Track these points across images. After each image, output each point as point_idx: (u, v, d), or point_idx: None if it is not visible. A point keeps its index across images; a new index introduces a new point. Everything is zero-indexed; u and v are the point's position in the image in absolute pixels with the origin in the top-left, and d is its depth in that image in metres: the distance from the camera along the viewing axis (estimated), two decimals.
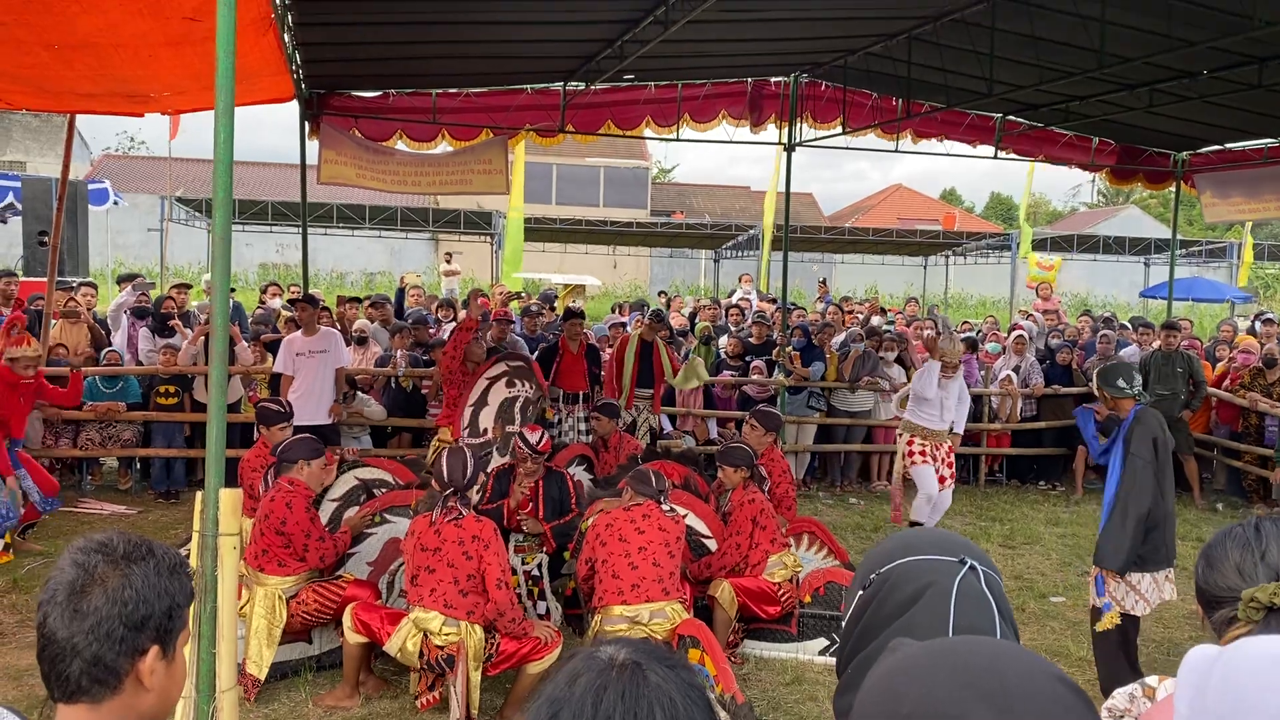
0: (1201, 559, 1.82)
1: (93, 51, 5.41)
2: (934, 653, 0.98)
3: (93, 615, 1.37)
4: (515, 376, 7.35)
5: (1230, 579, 1.71)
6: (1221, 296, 22.32)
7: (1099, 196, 53.18)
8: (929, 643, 1.02)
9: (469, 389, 7.40)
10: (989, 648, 0.99)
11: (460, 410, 7.30)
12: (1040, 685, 0.92)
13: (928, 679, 0.94)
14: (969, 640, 1.03)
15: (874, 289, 29.45)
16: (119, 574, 1.40)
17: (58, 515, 8.40)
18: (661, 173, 48.99)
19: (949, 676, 0.93)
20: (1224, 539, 1.79)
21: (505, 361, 7.45)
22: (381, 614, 4.98)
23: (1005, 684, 0.92)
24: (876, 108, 10.61)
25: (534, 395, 7.41)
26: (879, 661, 1.06)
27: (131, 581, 1.40)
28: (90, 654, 1.37)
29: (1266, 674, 0.95)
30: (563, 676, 1.03)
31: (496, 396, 7.25)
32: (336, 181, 9.62)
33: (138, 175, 34.28)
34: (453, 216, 21.98)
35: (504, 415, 7.28)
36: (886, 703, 0.95)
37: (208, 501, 3.50)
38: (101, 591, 1.38)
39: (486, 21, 7.92)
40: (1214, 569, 1.76)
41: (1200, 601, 1.81)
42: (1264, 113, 9.77)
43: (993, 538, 8.76)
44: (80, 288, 10.66)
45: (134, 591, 1.40)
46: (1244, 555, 1.73)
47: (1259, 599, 1.58)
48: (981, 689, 0.91)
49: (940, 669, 0.95)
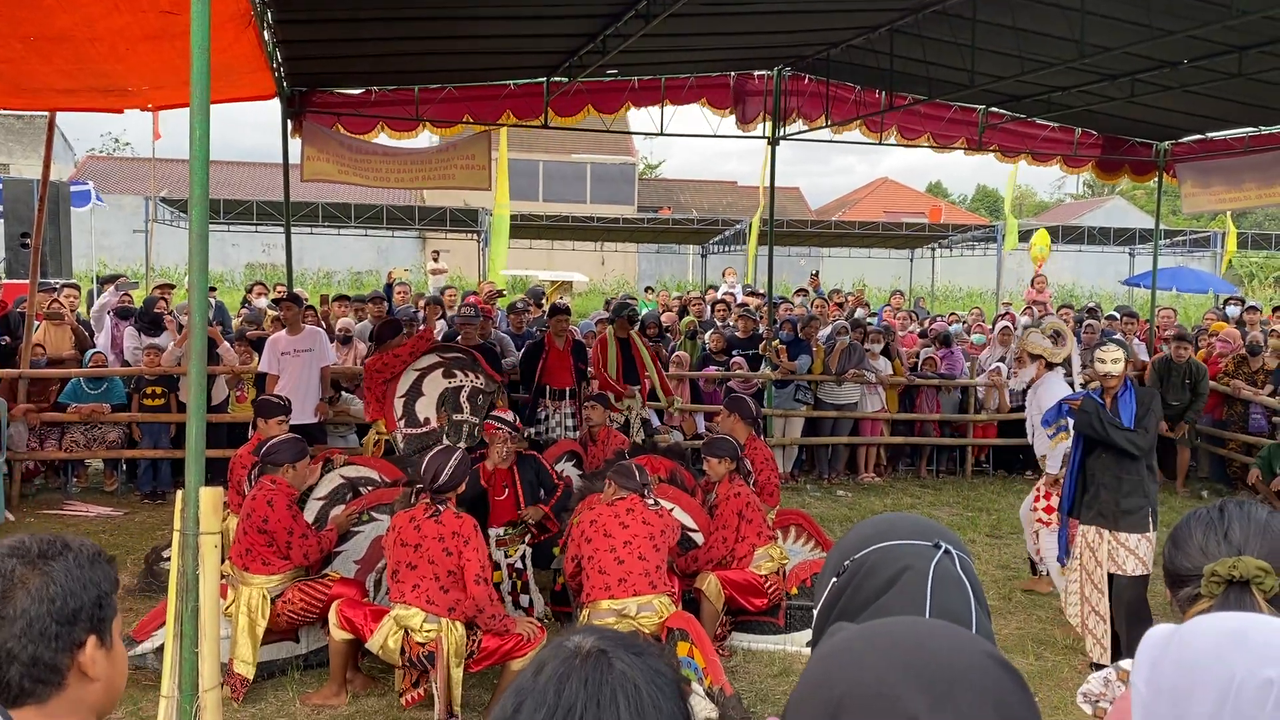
0: (1169, 541, 1.85)
1: (69, 45, 5.39)
2: (866, 635, 0.98)
3: (21, 618, 1.36)
4: (454, 368, 7.34)
5: (1195, 558, 1.74)
6: (1205, 287, 22.42)
7: (1084, 188, 53.37)
8: (863, 625, 1.02)
9: (395, 382, 7.36)
10: (921, 628, 0.99)
11: (390, 402, 7.28)
12: (971, 662, 0.93)
13: (859, 661, 0.95)
14: (901, 621, 1.03)
15: (861, 282, 29.49)
16: (39, 573, 1.39)
17: (44, 518, 8.37)
18: (648, 168, 48.96)
19: (880, 658, 0.94)
20: (1189, 521, 1.83)
21: (437, 353, 7.44)
22: (366, 611, 4.97)
23: (936, 662, 0.92)
24: (860, 101, 10.62)
25: (486, 386, 7.41)
26: (819, 645, 1.06)
27: (54, 578, 1.39)
28: (27, 656, 1.35)
29: (1218, 647, 0.96)
30: (530, 666, 1.02)
31: (433, 387, 7.23)
32: (319, 178, 9.59)
33: (122, 176, 34.07)
34: (439, 214, 21.90)
35: (448, 404, 7.27)
36: (820, 687, 0.96)
37: (188, 500, 3.49)
38: (25, 593, 1.37)
39: (468, 17, 7.90)
40: (1179, 549, 1.79)
41: (1168, 582, 1.84)
42: (1244, 102, 9.81)
43: (979, 528, 8.79)
44: (63, 289, 10.61)
45: (59, 587, 1.38)
46: (1207, 535, 1.75)
47: (1219, 572, 1.62)
48: (913, 668, 0.92)
49: (871, 651, 0.95)
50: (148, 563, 6.69)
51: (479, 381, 7.37)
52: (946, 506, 9.48)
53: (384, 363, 7.24)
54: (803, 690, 0.98)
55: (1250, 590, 1.61)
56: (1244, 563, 1.61)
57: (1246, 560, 1.62)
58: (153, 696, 4.86)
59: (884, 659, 0.93)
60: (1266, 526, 1.72)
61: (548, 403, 8.87)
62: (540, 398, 8.88)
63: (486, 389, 7.42)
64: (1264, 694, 0.90)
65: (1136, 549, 5.40)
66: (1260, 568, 1.60)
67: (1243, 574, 1.60)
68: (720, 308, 13.30)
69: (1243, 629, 0.96)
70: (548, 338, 8.97)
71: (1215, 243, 24.15)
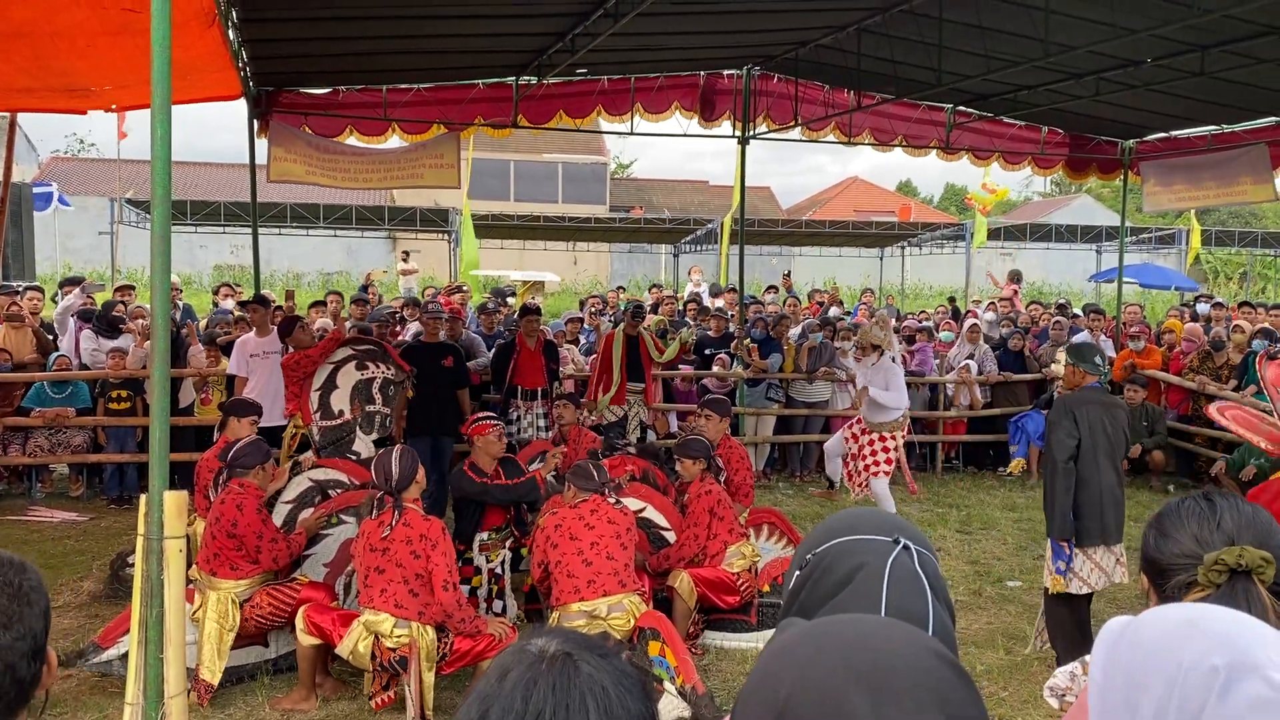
0: (1152, 530, 1.85)
1: (28, 42, 5.29)
2: (811, 634, 0.98)
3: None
4: (365, 359, 7.37)
5: (1187, 546, 1.75)
6: (1169, 283, 22.71)
7: (1052, 186, 53.87)
8: (809, 624, 1.01)
9: (310, 376, 7.39)
10: (866, 627, 0.99)
11: (306, 396, 7.31)
12: (915, 660, 0.92)
13: (803, 661, 0.94)
14: (849, 619, 1.02)
15: (832, 281, 29.63)
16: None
17: (7, 525, 8.24)
18: (620, 168, 48.96)
19: (824, 657, 0.93)
20: (1177, 510, 1.83)
21: (350, 346, 7.46)
22: (334, 615, 4.93)
23: (879, 661, 0.92)
24: (829, 100, 10.67)
25: (395, 376, 7.44)
26: (768, 643, 1.05)
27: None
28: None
29: (1169, 636, 0.96)
30: (493, 671, 1.01)
31: (347, 380, 7.26)
32: (286, 179, 9.50)
33: (87, 177, 33.61)
34: (409, 214, 21.77)
35: (360, 396, 7.32)
36: (764, 688, 0.95)
37: (152, 504, 3.44)
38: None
39: (436, 16, 7.86)
40: (1168, 538, 1.79)
41: (1149, 573, 1.84)
42: (1206, 100, 9.94)
43: (950, 524, 8.85)
44: (26, 292, 10.45)
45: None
46: (1200, 524, 1.76)
47: (1225, 560, 1.62)
48: (856, 668, 0.91)
49: (816, 650, 0.94)
50: (113, 568, 6.61)
51: (389, 372, 7.42)
52: (917, 503, 9.54)
53: (297, 360, 7.26)
54: (749, 689, 0.98)
55: (1252, 579, 1.62)
56: (1249, 552, 1.63)
57: (1251, 550, 1.63)
58: (118, 703, 4.79)
59: (828, 659, 0.93)
60: (1254, 518, 1.75)
61: (519, 403, 8.84)
62: (512, 398, 8.86)
63: (396, 379, 7.48)
64: (1210, 680, 0.90)
65: (1047, 557, 5.52)
66: (1263, 557, 1.63)
67: (1248, 563, 1.62)
68: (691, 307, 13.31)
69: (1193, 618, 0.97)
70: (519, 338, 8.94)
71: (1180, 240, 24.44)
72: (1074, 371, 5.59)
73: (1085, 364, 5.56)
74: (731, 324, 11.18)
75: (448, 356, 8.42)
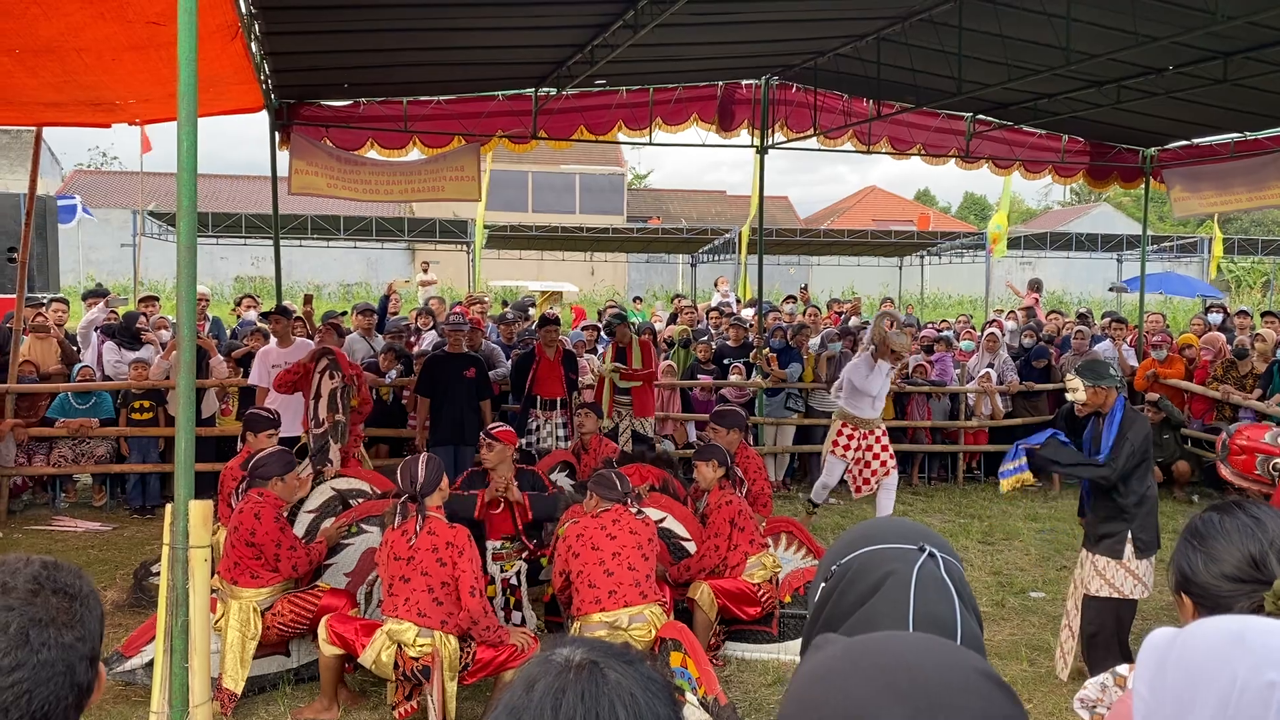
0: (1196, 554, 1.71)
1: (56, 57, 5.36)
2: (851, 654, 0.96)
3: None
4: (332, 368, 7.50)
5: (1242, 569, 1.64)
6: (1193, 292, 22.55)
7: (1071, 194, 53.64)
8: (848, 642, 0.99)
9: (308, 385, 7.53)
10: (907, 644, 0.96)
11: (307, 404, 7.48)
12: (960, 680, 0.90)
13: (844, 682, 0.92)
14: (887, 637, 1.00)
15: (851, 290, 29.57)
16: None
17: (32, 534, 8.31)
18: (637, 178, 49.06)
19: (865, 679, 0.91)
20: (1220, 529, 1.70)
21: (325, 357, 7.58)
22: (356, 625, 4.94)
23: (923, 681, 0.89)
24: (847, 110, 10.66)
25: (342, 383, 7.57)
26: (803, 661, 1.04)
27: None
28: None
29: (1219, 650, 0.95)
30: (519, 682, 1.01)
31: (326, 387, 7.40)
32: (308, 192, 9.56)
33: (110, 190, 33.97)
34: (428, 225, 21.93)
35: (332, 405, 7.46)
36: (805, 711, 0.93)
37: (177, 514, 3.46)
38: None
39: (456, 28, 7.90)
40: (1218, 562, 1.67)
41: (1192, 596, 1.71)
42: (1230, 107, 9.87)
43: (972, 534, 8.79)
44: (51, 304, 10.55)
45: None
46: (1249, 541, 1.65)
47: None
48: (898, 689, 0.89)
49: (856, 671, 0.92)
50: (136, 578, 6.65)
51: (341, 381, 7.55)
52: (938, 513, 9.48)
53: (293, 372, 7.48)
54: (789, 712, 0.96)
55: None
56: None
57: None
58: (142, 712, 4.83)
59: (870, 681, 0.91)
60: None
61: (538, 413, 8.86)
62: (531, 408, 8.87)
63: (344, 385, 7.59)
64: (1266, 696, 0.89)
65: (1104, 571, 5.38)
66: None
67: None
68: (714, 315, 13.31)
69: (1241, 632, 0.95)
70: (538, 348, 8.96)
71: (1202, 248, 24.29)
72: (1096, 391, 5.45)
73: (1105, 380, 5.44)
74: (750, 333, 11.16)
75: (469, 367, 8.46)
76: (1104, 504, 5.39)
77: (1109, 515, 5.37)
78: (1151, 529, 5.35)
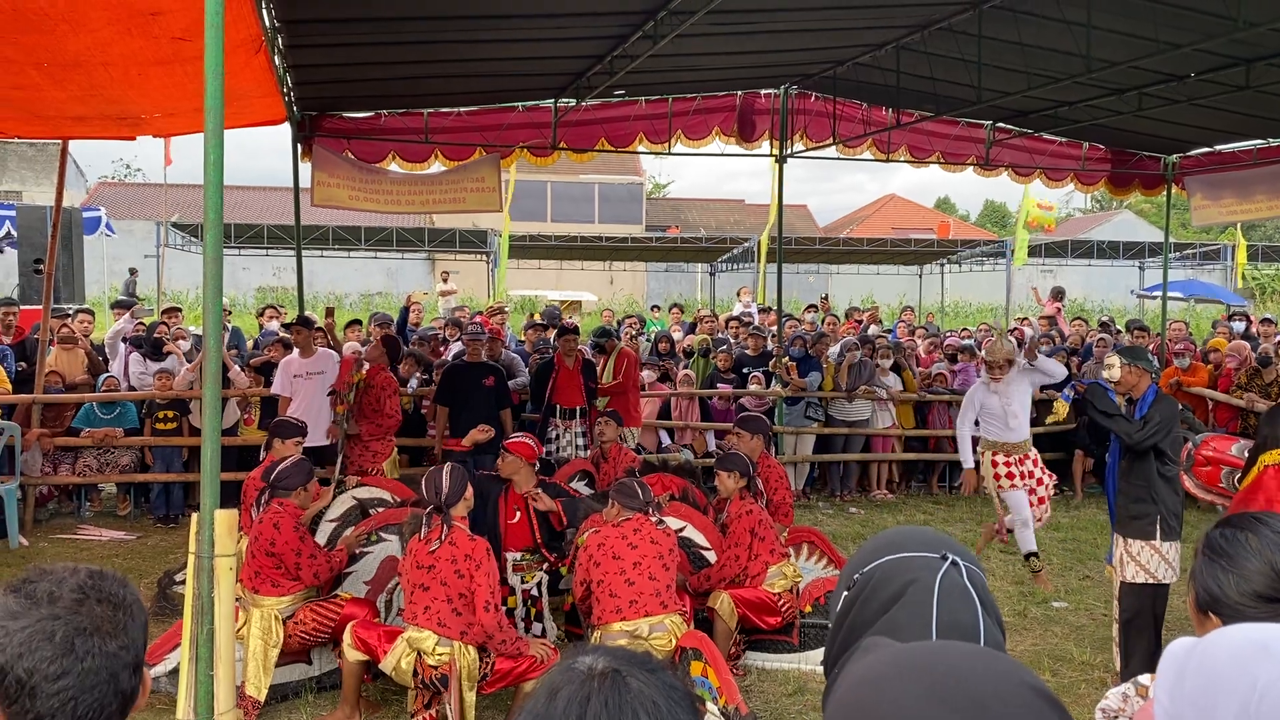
0: (1227, 574, 1.67)
1: (83, 71, 5.44)
2: (901, 662, 0.96)
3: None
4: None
5: (1270, 583, 1.61)
6: (1216, 299, 22.37)
7: (1092, 202, 53.30)
8: (897, 650, 1.00)
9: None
10: (957, 654, 0.96)
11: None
12: (1010, 692, 0.90)
13: (894, 690, 0.92)
14: (937, 647, 1.00)
15: (870, 299, 29.49)
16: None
17: (58, 543, 8.40)
18: (656, 188, 49.13)
19: (915, 687, 0.91)
20: (1248, 546, 1.66)
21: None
22: (380, 631, 4.97)
23: (973, 692, 0.89)
24: (867, 118, 10.65)
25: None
26: (850, 664, 1.04)
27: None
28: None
29: (1241, 658, 0.95)
30: (542, 691, 1.01)
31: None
32: (330, 204, 9.64)
33: (134, 202, 34.31)
34: (448, 236, 22.02)
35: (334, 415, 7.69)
36: (854, 714, 0.94)
37: (203, 522, 3.50)
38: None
39: (477, 40, 7.95)
40: (1249, 580, 1.64)
41: (1217, 611, 1.68)
42: (1252, 114, 9.81)
43: (993, 544, 8.73)
44: (77, 315, 10.67)
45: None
46: (1276, 553, 1.62)
47: None
48: (949, 700, 0.89)
49: (906, 679, 0.93)
50: (160, 586, 6.70)
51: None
52: (959, 522, 9.43)
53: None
54: (837, 713, 0.97)
55: None
56: None
57: None
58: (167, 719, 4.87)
59: (921, 690, 0.91)
60: None
61: (558, 422, 8.87)
62: (550, 417, 8.89)
63: (334, 392, 7.84)
64: None
65: (1138, 555, 5.37)
66: None
67: None
68: (735, 325, 13.31)
69: (1264, 640, 0.96)
70: (557, 357, 8.99)
71: (1225, 256, 24.08)
72: (1131, 370, 5.49)
73: (1143, 361, 5.51)
74: (770, 342, 11.15)
75: (489, 376, 8.50)
76: (1133, 483, 5.41)
77: (1138, 496, 5.39)
78: (1176, 514, 5.39)
